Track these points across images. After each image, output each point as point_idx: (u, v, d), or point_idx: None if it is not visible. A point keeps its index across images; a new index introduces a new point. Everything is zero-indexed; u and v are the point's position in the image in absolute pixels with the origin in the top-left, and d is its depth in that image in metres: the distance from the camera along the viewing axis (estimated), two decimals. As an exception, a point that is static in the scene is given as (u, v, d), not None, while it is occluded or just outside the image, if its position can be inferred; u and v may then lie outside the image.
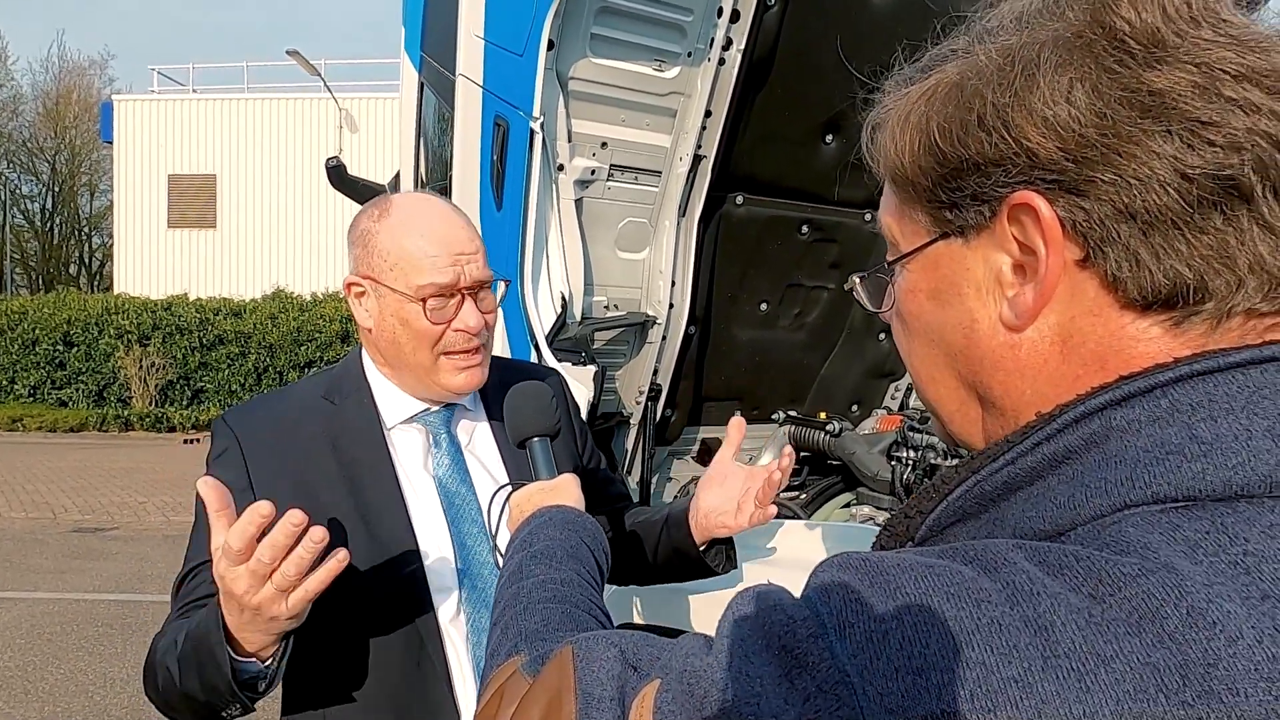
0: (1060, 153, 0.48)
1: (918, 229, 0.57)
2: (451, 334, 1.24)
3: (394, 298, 1.24)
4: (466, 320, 1.24)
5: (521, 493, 1.10)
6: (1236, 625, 0.39)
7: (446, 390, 1.28)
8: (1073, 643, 0.40)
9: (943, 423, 0.61)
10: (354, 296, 1.29)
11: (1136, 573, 0.41)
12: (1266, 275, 0.47)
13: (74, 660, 4.80)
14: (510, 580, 0.86)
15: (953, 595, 0.43)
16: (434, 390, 1.29)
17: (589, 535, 0.97)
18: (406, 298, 1.22)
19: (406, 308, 1.23)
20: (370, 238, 1.26)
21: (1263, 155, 0.46)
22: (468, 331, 1.24)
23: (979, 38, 0.54)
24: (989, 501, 0.51)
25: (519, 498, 1.09)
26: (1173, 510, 0.44)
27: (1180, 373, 0.46)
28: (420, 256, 1.22)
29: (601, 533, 1.01)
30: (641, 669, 0.57)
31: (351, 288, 1.29)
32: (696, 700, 0.48)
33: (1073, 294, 0.50)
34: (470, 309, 1.24)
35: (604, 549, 0.99)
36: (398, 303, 1.23)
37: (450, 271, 1.22)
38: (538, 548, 0.91)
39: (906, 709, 0.41)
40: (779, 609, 0.47)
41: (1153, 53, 0.47)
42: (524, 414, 1.18)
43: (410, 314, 1.23)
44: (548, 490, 1.07)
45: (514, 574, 0.87)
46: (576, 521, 0.98)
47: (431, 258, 1.22)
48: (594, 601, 0.84)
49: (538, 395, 1.19)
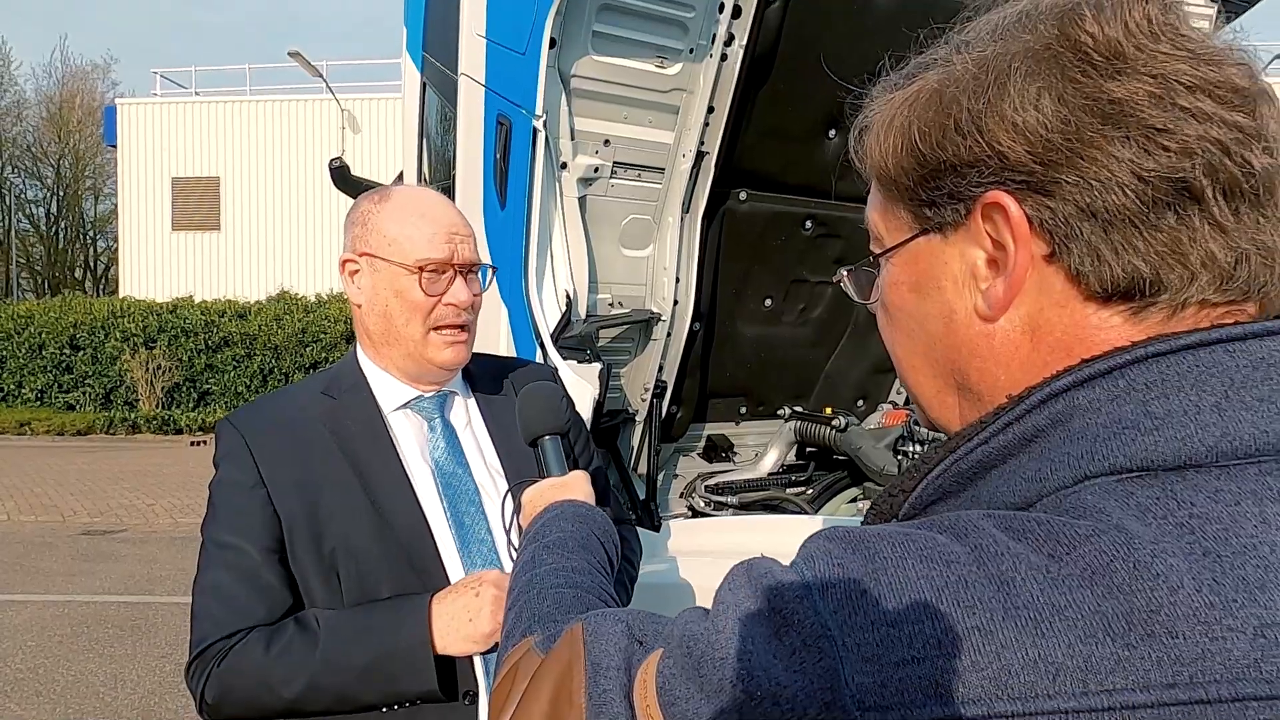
0: (1029, 156, 0.52)
1: (900, 225, 0.61)
2: (442, 308, 1.32)
3: (390, 270, 1.31)
4: (458, 294, 1.32)
5: (534, 489, 1.12)
6: (1178, 577, 0.43)
7: (433, 365, 1.34)
8: (1031, 595, 0.44)
9: (923, 408, 0.65)
10: (348, 275, 1.37)
11: (1090, 533, 0.46)
12: (1218, 270, 0.51)
13: (84, 662, 4.82)
14: (524, 569, 0.89)
15: (925, 557, 0.47)
16: (422, 366, 1.35)
17: (599, 528, 0.99)
18: (404, 269, 1.30)
19: (402, 279, 1.31)
20: (370, 217, 1.35)
21: (1212, 160, 0.49)
22: (457, 305, 1.32)
23: (958, 48, 0.57)
24: (966, 480, 0.54)
25: (531, 494, 1.12)
26: (1128, 479, 0.48)
27: (1136, 355, 0.50)
28: (418, 233, 1.32)
29: (611, 526, 1.03)
30: (648, 643, 0.61)
31: (347, 264, 1.37)
32: (694, 661, 0.52)
33: (1041, 287, 0.54)
34: (461, 285, 1.33)
35: (614, 541, 1.02)
36: (394, 275, 1.31)
37: (446, 248, 1.32)
38: (550, 539, 0.94)
39: (880, 656, 0.45)
40: (769, 575, 0.51)
41: (1113, 64, 0.51)
42: (535, 413, 1.20)
43: (405, 285, 1.31)
44: (559, 486, 1.10)
45: (528, 563, 0.90)
46: (588, 515, 1.01)
47: (429, 234, 1.31)
48: (604, 588, 0.87)
49: (549, 395, 1.22)
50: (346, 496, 1.26)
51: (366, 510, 1.25)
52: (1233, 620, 0.43)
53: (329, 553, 1.24)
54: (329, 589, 1.24)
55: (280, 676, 1.16)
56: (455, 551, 1.28)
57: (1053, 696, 0.43)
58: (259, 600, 1.22)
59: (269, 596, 1.22)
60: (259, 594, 1.22)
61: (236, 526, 1.25)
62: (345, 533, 1.24)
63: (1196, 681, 0.42)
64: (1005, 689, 0.43)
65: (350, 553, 1.24)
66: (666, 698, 0.54)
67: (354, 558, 1.24)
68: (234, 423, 1.32)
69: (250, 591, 1.22)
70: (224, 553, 1.24)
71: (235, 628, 1.20)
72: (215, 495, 1.29)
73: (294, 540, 1.24)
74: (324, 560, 1.24)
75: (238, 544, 1.24)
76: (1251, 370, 0.49)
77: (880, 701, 0.45)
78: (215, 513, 1.28)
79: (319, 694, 1.16)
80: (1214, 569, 0.44)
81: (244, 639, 1.19)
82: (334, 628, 1.19)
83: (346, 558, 1.24)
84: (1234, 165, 0.50)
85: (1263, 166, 0.50)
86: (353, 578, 1.24)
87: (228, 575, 1.23)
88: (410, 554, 1.25)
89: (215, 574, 1.24)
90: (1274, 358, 0.50)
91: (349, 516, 1.25)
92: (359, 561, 1.24)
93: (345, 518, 1.25)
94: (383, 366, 1.37)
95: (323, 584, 1.24)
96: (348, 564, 1.24)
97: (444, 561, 1.27)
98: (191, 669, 1.22)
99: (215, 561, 1.25)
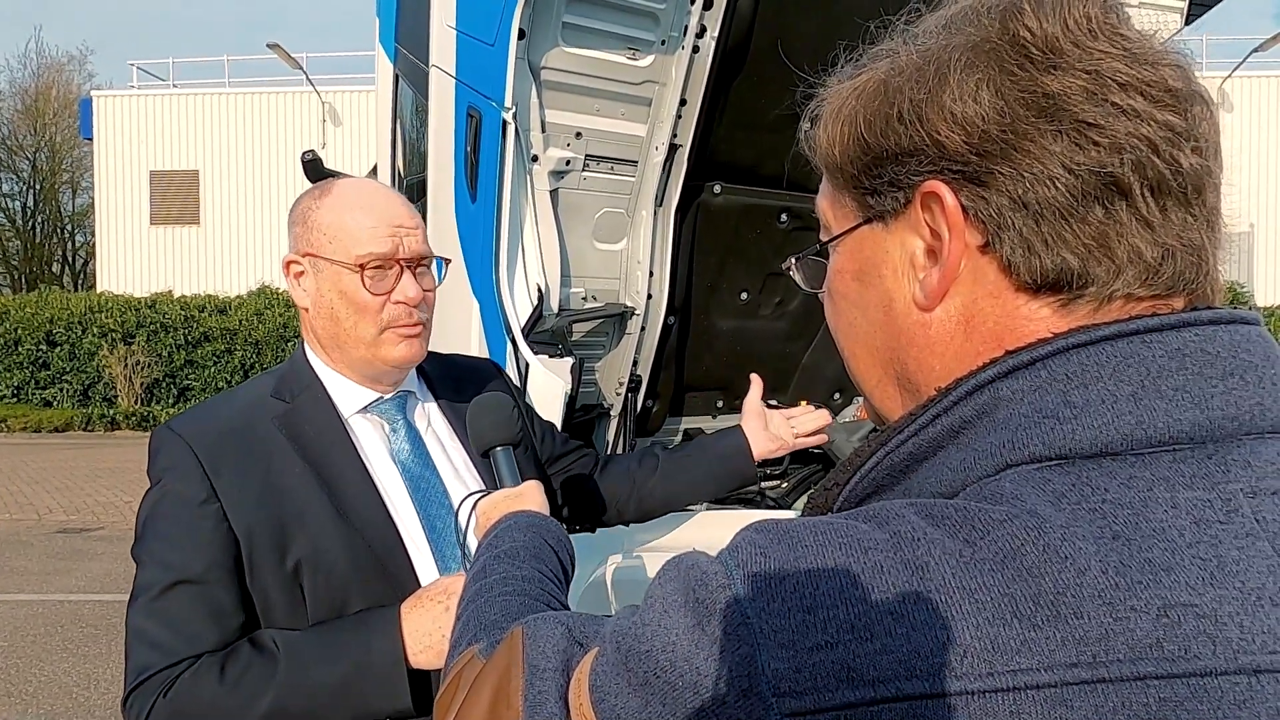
0: (966, 146, 0.53)
1: (847, 214, 0.62)
2: (392, 307, 1.25)
3: (332, 270, 1.25)
4: (406, 291, 1.25)
5: (488, 500, 1.11)
6: (1086, 559, 0.45)
7: (387, 363, 1.28)
8: (943, 579, 0.46)
9: (867, 398, 0.66)
10: (293, 277, 1.31)
11: (1004, 518, 0.47)
12: (1143, 265, 0.52)
13: (58, 661, 4.77)
14: (474, 579, 0.89)
15: (844, 545, 0.48)
16: (376, 366, 1.29)
17: (553, 537, 0.99)
18: (345, 267, 1.24)
19: (345, 278, 1.24)
20: (310, 214, 1.28)
21: (1140, 157, 0.50)
22: (407, 303, 1.25)
23: (906, 41, 0.59)
24: (899, 473, 0.55)
25: (485, 505, 1.11)
26: (1046, 467, 0.49)
27: (1058, 346, 0.51)
28: (358, 228, 1.24)
29: (565, 534, 1.02)
30: (587, 644, 0.62)
31: (291, 266, 1.31)
32: (623, 655, 0.53)
33: (975, 277, 0.55)
34: (409, 281, 1.26)
35: (568, 550, 1.01)
36: (336, 274, 1.25)
37: (388, 241, 1.24)
38: (502, 549, 0.94)
39: (796, 642, 0.46)
40: (696, 567, 0.52)
41: (1050, 59, 0.52)
42: (486, 425, 1.18)
43: (349, 285, 1.24)
44: (513, 497, 1.10)
45: (478, 573, 0.90)
46: (541, 525, 1.01)
47: (370, 228, 1.24)
48: (555, 596, 0.87)
49: (498, 406, 1.19)
50: (311, 505, 1.18)
51: (333, 519, 1.19)
52: (1136, 601, 0.44)
53: (293, 567, 1.16)
54: (291, 605, 1.17)
55: (238, 703, 1.09)
56: (429, 556, 1.24)
57: (960, 677, 0.44)
58: (211, 625, 1.14)
59: (220, 622, 1.14)
60: (211, 619, 1.14)
61: (185, 546, 1.15)
62: (312, 544, 1.17)
63: (1099, 660, 0.43)
64: (914, 671, 0.44)
65: (317, 565, 1.17)
66: (597, 695, 0.55)
67: (322, 570, 1.17)
68: (178, 431, 1.22)
69: (201, 616, 1.13)
70: (169, 574, 1.14)
71: (182, 655, 1.12)
72: (157, 511, 1.18)
73: (254, 557, 1.16)
74: (288, 575, 1.16)
75: (187, 564, 1.14)
76: (1167, 360, 0.50)
77: (795, 687, 0.45)
78: (158, 530, 1.18)
79: (283, 717, 1.10)
80: (1121, 552, 0.45)
81: (193, 666, 1.11)
82: (297, 647, 1.12)
83: (313, 570, 1.17)
84: (1162, 163, 0.51)
85: (1191, 166, 0.51)
86: (319, 591, 1.17)
87: (175, 599, 1.14)
88: (383, 562, 1.20)
89: (159, 598, 1.14)
90: (1189, 348, 0.50)
91: (315, 526, 1.18)
92: (328, 573, 1.17)
93: (311, 528, 1.18)
94: (337, 369, 1.31)
95: (285, 601, 1.17)
96: (314, 577, 1.17)
97: (415, 567, 1.22)
98: (130, 701, 1.11)
99: (157, 583, 1.15)
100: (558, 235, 2.48)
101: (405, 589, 1.19)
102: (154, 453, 1.23)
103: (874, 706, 0.44)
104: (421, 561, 1.24)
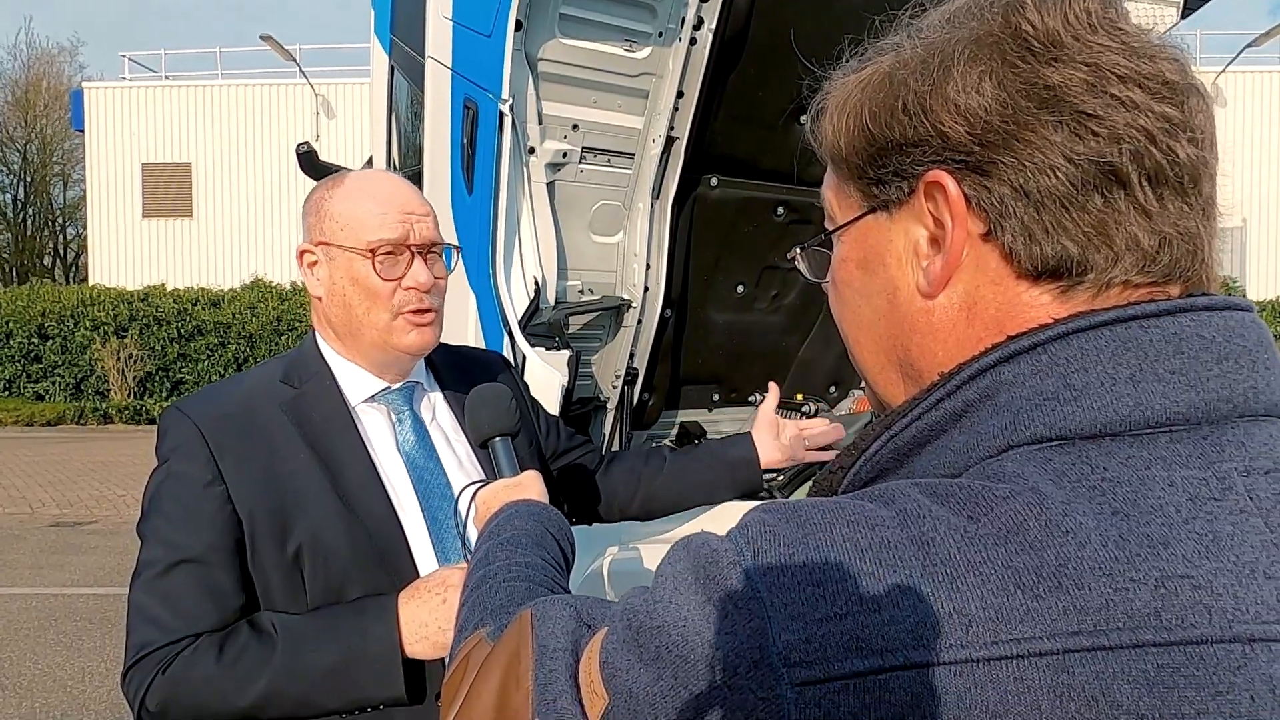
0: (969, 137, 0.54)
1: (851, 204, 0.63)
2: (403, 292, 1.27)
3: (345, 256, 1.27)
4: (417, 277, 1.27)
5: (487, 490, 1.12)
6: (1086, 533, 0.47)
7: (399, 350, 1.29)
8: (948, 554, 0.47)
9: (869, 385, 0.67)
10: (306, 266, 1.32)
11: (1007, 495, 0.49)
12: (1141, 252, 0.53)
13: (52, 655, 4.76)
14: (477, 566, 0.90)
15: (852, 522, 0.50)
16: (389, 353, 1.30)
17: (554, 525, 1.00)
18: (357, 253, 1.25)
19: (357, 265, 1.26)
20: (323, 204, 1.30)
21: (1138, 147, 0.52)
22: (418, 289, 1.27)
23: (910, 34, 0.60)
24: (903, 456, 0.57)
25: (485, 495, 1.11)
26: (1047, 448, 0.51)
27: (1058, 331, 0.53)
28: (369, 215, 1.26)
29: (566, 523, 1.02)
30: (595, 625, 0.63)
31: (304, 256, 1.32)
32: (634, 632, 0.54)
33: (977, 265, 0.56)
34: (420, 267, 1.28)
35: (569, 537, 1.01)
36: (348, 261, 1.27)
37: (399, 227, 1.27)
38: (505, 536, 0.95)
39: (805, 614, 0.47)
40: (706, 545, 0.53)
41: (1051, 52, 0.53)
42: (484, 416, 1.19)
43: (360, 271, 1.26)
44: (512, 487, 1.10)
45: (481, 560, 0.90)
46: (541, 513, 1.01)
47: (381, 215, 1.26)
48: (557, 581, 0.88)
49: (496, 397, 1.20)
50: (314, 492, 1.20)
51: (336, 506, 1.20)
52: (1135, 573, 0.46)
53: (294, 552, 1.17)
54: (290, 590, 1.18)
55: (234, 683, 1.11)
56: (429, 547, 1.25)
57: (964, 646, 0.45)
58: (211, 606, 1.15)
59: (221, 602, 1.16)
60: (211, 599, 1.16)
61: (189, 526, 1.17)
62: (313, 530, 1.18)
63: (1099, 629, 0.45)
64: (921, 640, 0.46)
65: (318, 551, 1.18)
66: (609, 670, 0.56)
67: (322, 556, 1.18)
68: (186, 412, 1.23)
69: (202, 596, 1.15)
70: (172, 553, 1.16)
71: (183, 633, 1.14)
72: (163, 490, 1.21)
73: (256, 540, 1.17)
74: (288, 560, 1.17)
75: (189, 545, 1.16)
76: (1164, 344, 0.52)
77: (805, 657, 0.47)
78: (162, 509, 1.20)
79: (277, 700, 1.11)
80: (1120, 526, 0.47)
81: (192, 645, 1.13)
82: (294, 631, 1.14)
83: (314, 556, 1.18)
84: (1159, 153, 0.52)
85: (1188, 156, 0.53)
86: (319, 577, 1.18)
87: (176, 578, 1.16)
88: (382, 551, 1.21)
89: (161, 576, 1.16)
90: (1185, 333, 0.52)
91: (317, 513, 1.19)
92: (328, 560, 1.18)
93: (313, 514, 1.19)
94: (348, 358, 1.32)
95: (285, 585, 1.18)
96: (315, 563, 1.18)
97: (415, 558, 1.23)
98: (129, 675, 1.14)
99: (160, 561, 1.17)
100: (554, 228, 2.48)
101: (404, 579, 1.20)
102: (162, 433, 1.25)
103: (882, 675, 0.46)
104: (421, 552, 1.25)
